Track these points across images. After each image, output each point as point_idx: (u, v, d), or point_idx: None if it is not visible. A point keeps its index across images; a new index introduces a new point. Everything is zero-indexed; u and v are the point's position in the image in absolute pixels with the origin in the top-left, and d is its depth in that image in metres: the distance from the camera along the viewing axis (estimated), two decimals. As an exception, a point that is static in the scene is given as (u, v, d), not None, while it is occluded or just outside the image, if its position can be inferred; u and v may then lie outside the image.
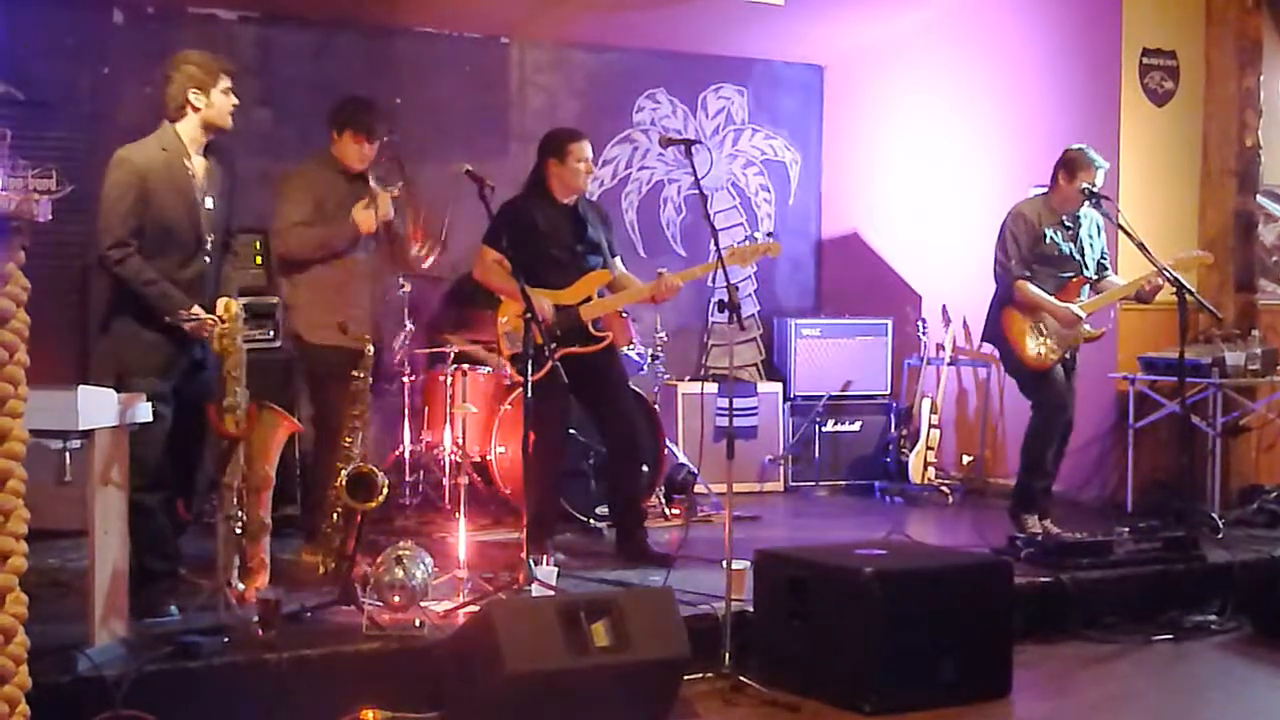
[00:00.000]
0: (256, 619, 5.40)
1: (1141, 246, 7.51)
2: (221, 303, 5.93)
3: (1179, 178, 9.39)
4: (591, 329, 7.30)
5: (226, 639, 5.29)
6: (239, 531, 5.89)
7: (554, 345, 6.92)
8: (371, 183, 6.87)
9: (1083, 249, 7.76)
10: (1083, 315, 7.59)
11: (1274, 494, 8.90)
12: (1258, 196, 9.43)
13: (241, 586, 5.87)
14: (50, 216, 4.35)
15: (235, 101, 6.01)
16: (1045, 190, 7.82)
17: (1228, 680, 6.23)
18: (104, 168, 5.88)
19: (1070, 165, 7.68)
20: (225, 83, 5.96)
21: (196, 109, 5.92)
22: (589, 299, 7.30)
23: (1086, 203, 7.73)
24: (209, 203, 5.98)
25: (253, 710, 5.11)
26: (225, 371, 5.85)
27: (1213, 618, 7.00)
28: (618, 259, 7.60)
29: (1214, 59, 9.44)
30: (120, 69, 8.78)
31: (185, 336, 5.84)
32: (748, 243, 7.41)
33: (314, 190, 6.83)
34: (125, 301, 5.88)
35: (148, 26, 8.95)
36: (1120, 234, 7.79)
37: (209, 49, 6.23)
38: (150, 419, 5.50)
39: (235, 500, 5.91)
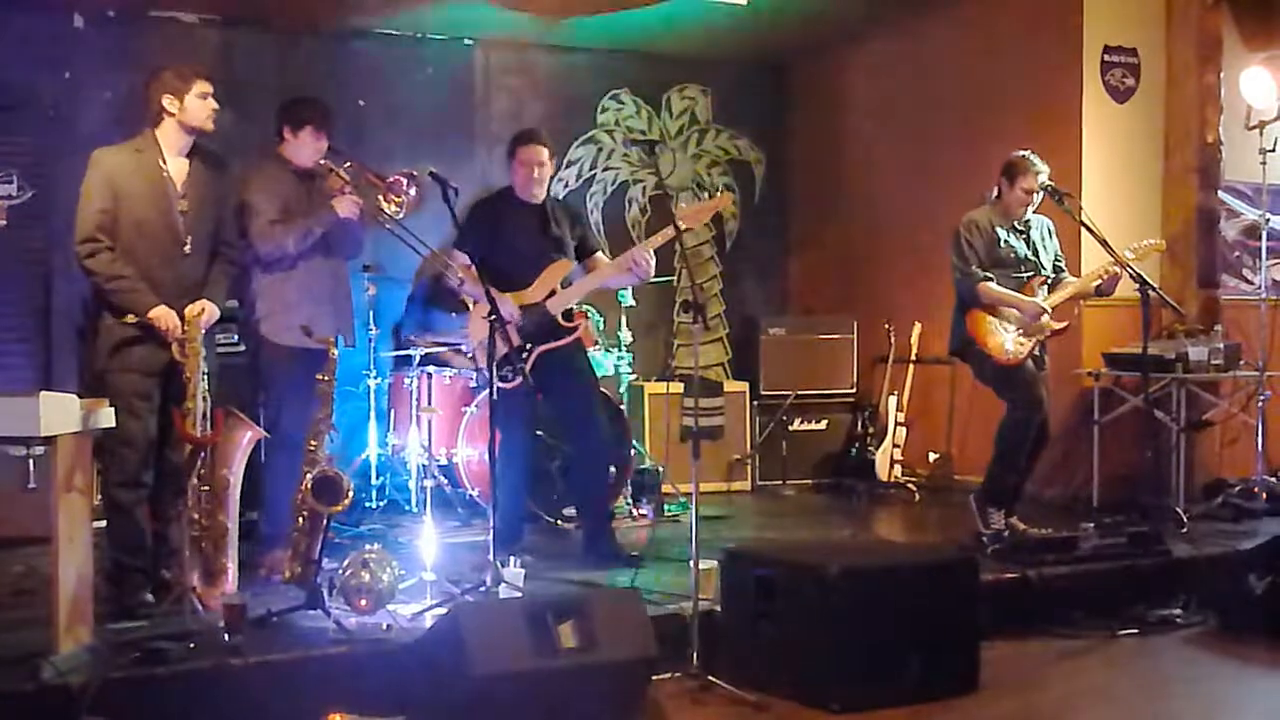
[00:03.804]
0: (222, 624, 5.37)
1: (1104, 243, 7.54)
2: (189, 306, 5.95)
3: (1141, 174, 9.43)
4: (561, 320, 7.28)
5: (192, 644, 5.25)
6: (196, 535, 5.88)
7: (528, 348, 6.96)
8: (338, 170, 6.88)
9: (1036, 250, 7.78)
10: (1047, 307, 7.61)
11: (1238, 488, 8.96)
12: (1219, 192, 9.48)
13: (200, 590, 5.86)
14: (4, 222, 4.35)
15: (215, 106, 6.11)
16: (995, 198, 7.83)
17: (1192, 674, 6.24)
18: (67, 173, 5.93)
19: (1010, 171, 7.71)
20: (201, 88, 6.07)
21: (171, 114, 6.02)
22: (554, 293, 7.28)
23: (1033, 208, 7.74)
24: (184, 204, 6.02)
25: (219, 715, 5.07)
26: (184, 376, 5.87)
27: (1178, 612, 7.02)
28: (598, 253, 7.58)
29: (1175, 56, 9.49)
30: (82, 73, 8.75)
31: (154, 335, 5.87)
32: (698, 201, 7.37)
33: (279, 190, 6.84)
34: (100, 301, 5.96)
35: (109, 30, 8.92)
36: (1083, 231, 7.82)
37: (171, 52, 6.26)
38: (113, 424, 5.49)
39: (198, 504, 5.91)
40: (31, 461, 5.10)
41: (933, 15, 10.11)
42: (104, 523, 6.00)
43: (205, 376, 5.95)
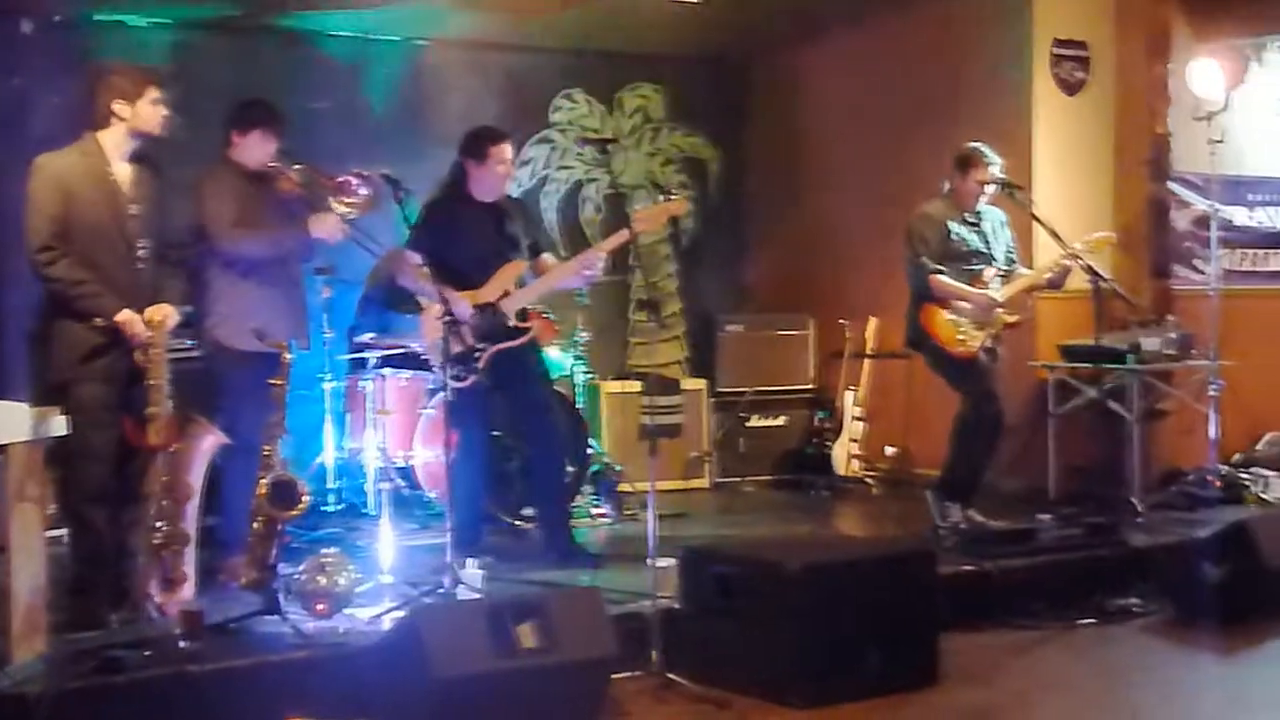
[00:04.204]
0: (179, 631, 5.34)
1: (1055, 235, 7.58)
2: (150, 310, 5.89)
3: (1092, 166, 9.50)
4: (515, 321, 7.26)
5: (149, 652, 5.22)
6: (159, 543, 5.84)
7: (481, 347, 6.95)
8: (288, 172, 6.83)
9: (989, 242, 7.82)
10: (998, 299, 7.64)
11: (1192, 477, 9.02)
12: (1170, 184, 9.54)
13: (160, 599, 5.82)
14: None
15: (165, 111, 6.02)
16: (947, 190, 7.86)
17: (1150, 662, 6.29)
18: (16, 179, 5.84)
19: (964, 164, 7.76)
20: (153, 93, 5.97)
21: (122, 119, 5.93)
22: (508, 293, 7.26)
23: (984, 198, 7.78)
24: (135, 209, 5.95)
25: (178, 723, 5.06)
26: (148, 382, 5.81)
27: (1135, 601, 7.06)
28: (547, 255, 7.56)
29: (1124, 49, 9.55)
30: (30, 79, 8.67)
31: (124, 342, 5.81)
32: (651, 204, 7.40)
33: (234, 193, 6.79)
34: (62, 308, 5.83)
35: (56, 35, 8.84)
36: (1035, 223, 7.86)
37: (120, 57, 6.19)
38: (65, 432, 5.44)
39: (157, 512, 5.87)
40: (-20, 471, 5.07)
41: (885, 11, 10.12)
42: (59, 532, 5.96)
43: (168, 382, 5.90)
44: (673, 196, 7.60)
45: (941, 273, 7.65)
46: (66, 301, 5.81)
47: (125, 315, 5.81)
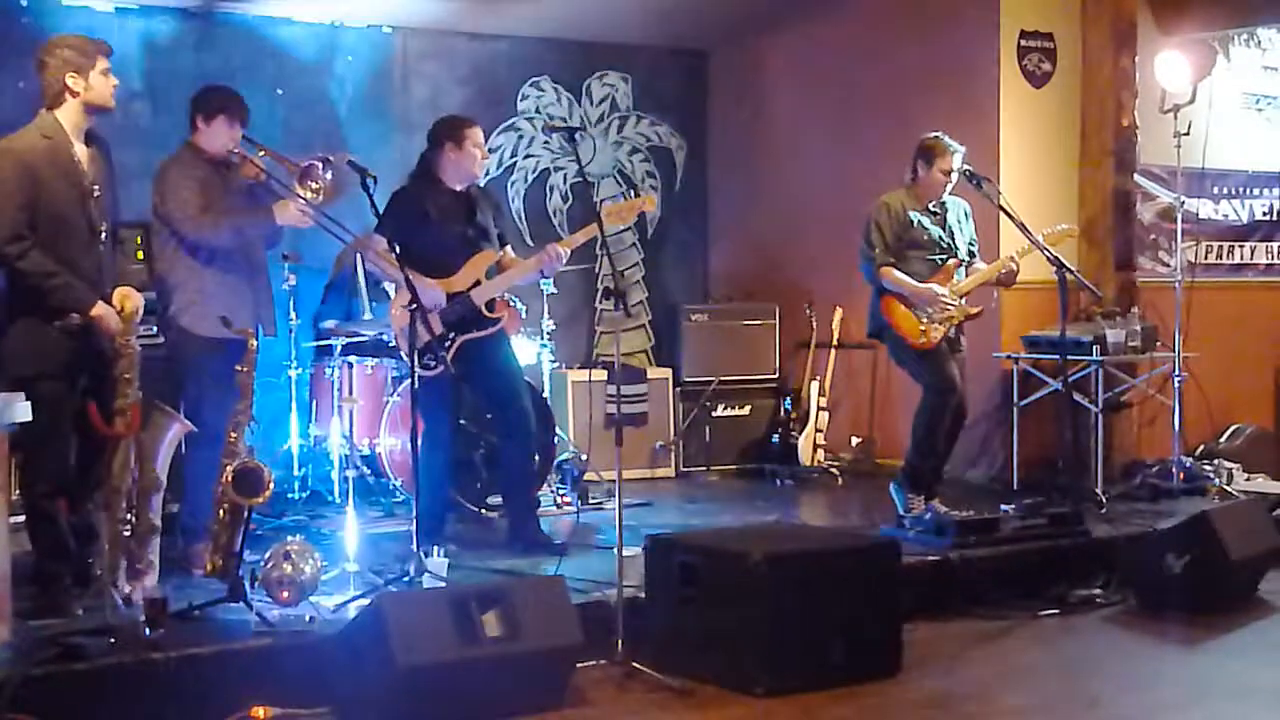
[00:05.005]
0: (143, 618, 5.32)
1: (1022, 227, 7.60)
2: (119, 294, 5.85)
3: (1058, 158, 9.53)
4: (484, 311, 7.25)
5: (113, 639, 5.18)
6: (127, 534, 5.82)
7: (451, 336, 6.93)
8: (252, 159, 6.79)
9: (952, 233, 7.83)
10: (940, 292, 7.64)
11: (1155, 468, 9.07)
12: (1135, 176, 9.58)
13: (127, 589, 5.80)
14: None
15: (115, 82, 5.93)
16: (910, 181, 7.87)
17: (1112, 653, 6.32)
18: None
19: (928, 153, 7.76)
20: (103, 64, 5.86)
21: (75, 93, 5.81)
22: (479, 282, 7.25)
23: (950, 189, 7.80)
24: (96, 190, 5.88)
25: (141, 711, 5.02)
26: (118, 371, 5.77)
27: (1098, 592, 7.10)
28: (508, 248, 7.56)
29: (1090, 41, 9.59)
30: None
31: (91, 334, 5.76)
32: (621, 199, 7.41)
33: (198, 180, 6.74)
34: (27, 299, 5.73)
35: (21, 20, 8.79)
36: (1001, 215, 7.88)
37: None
38: (29, 418, 5.39)
39: (124, 502, 5.84)
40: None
41: (852, 2, 10.14)
42: (22, 518, 5.93)
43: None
44: (642, 194, 7.59)
45: (891, 264, 7.67)
46: (39, 295, 5.69)
47: (100, 309, 5.74)
